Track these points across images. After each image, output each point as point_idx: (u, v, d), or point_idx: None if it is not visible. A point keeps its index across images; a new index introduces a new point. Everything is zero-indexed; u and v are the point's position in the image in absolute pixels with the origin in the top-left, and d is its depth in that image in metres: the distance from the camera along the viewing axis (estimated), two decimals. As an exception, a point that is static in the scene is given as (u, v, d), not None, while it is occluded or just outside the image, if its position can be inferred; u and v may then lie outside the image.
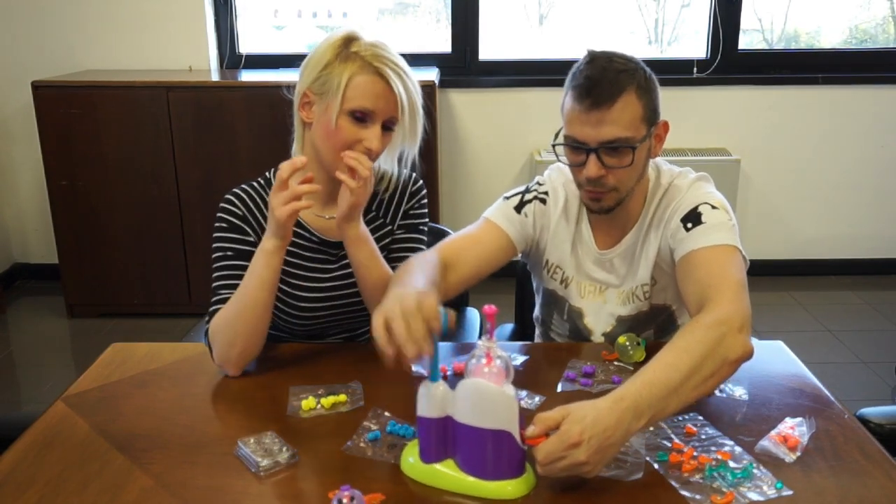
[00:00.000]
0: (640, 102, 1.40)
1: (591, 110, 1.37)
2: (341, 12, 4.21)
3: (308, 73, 1.44)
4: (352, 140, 1.41)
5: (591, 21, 4.08)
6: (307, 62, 1.45)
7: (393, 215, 1.61)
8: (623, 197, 1.48)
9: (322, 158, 1.46)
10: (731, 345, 1.21)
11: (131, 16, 3.67)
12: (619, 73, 1.38)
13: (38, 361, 3.31)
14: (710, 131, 3.86)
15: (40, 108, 3.34)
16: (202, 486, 1.11)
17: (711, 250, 1.39)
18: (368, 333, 1.65)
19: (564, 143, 1.44)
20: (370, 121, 1.41)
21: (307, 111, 1.46)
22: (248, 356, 1.43)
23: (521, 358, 1.48)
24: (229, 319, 1.41)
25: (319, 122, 1.44)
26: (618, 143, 1.39)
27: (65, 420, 1.28)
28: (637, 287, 1.57)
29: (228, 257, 1.50)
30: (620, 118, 1.38)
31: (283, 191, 1.32)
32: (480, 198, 3.92)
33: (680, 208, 1.48)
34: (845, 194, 3.99)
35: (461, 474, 1.09)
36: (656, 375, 1.13)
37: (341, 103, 1.39)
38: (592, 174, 1.41)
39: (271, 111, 3.30)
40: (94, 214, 3.47)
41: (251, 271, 1.41)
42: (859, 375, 3.05)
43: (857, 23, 4.15)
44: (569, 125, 1.43)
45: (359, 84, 1.39)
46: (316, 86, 1.42)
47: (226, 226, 1.51)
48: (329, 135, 1.42)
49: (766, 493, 1.07)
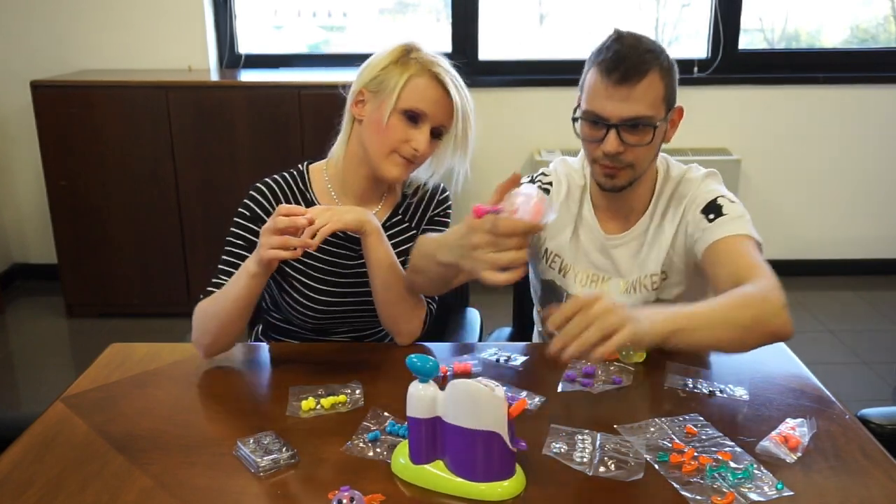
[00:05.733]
0: (663, 83, 1.43)
1: (618, 85, 1.39)
2: (341, 12, 4.20)
3: (366, 73, 1.50)
4: (400, 139, 1.46)
5: (591, 21, 4.08)
6: (366, 64, 1.51)
7: (419, 220, 1.64)
8: (637, 176, 1.49)
9: (367, 154, 1.50)
10: (774, 312, 1.26)
11: (131, 16, 3.66)
12: (646, 51, 1.41)
13: (38, 362, 3.31)
14: (711, 131, 3.86)
15: (39, 109, 3.34)
16: (202, 487, 1.11)
17: (739, 238, 1.42)
18: (376, 335, 1.66)
19: (584, 117, 1.46)
20: (421, 123, 1.47)
21: (360, 108, 1.50)
22: (216, 349, 1.46)
23: (521, 358, 1.48)
24: (207, 314, 1.44)
25: (370, 119, 1.48)
26: (640, 120, 1.41)
27: (64, 420, 1.28)
28: (645, 277, 1.56)
29: (238, 245, 1.52)
30: (645, 96, 1.40)
31: (277, 235, 1.32)
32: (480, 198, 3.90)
33: (697, 200, 1.51)
34: (846, 194, 3.99)
35: (451, 476, 1.09)
36: (694, 306, 1.24)
37: (396, 102, 1.44)
38: (611, 149, 1.43)
39: (271, 111, 3.30)
40: (93, 214, 3.47)
41: (233, 283, 1.42)
42: (860, 375, 3.05)
43: (858, 22, 4.15)
44: (591, 100, 1.44)
45: (416, 85, 1.45)
46: (373, 84, 1.48)
47: (247, 214, 1.54)
48: (379, 131, 1.46)
49: (766, 493, 1.06)
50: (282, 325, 1.64)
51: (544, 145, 3.85)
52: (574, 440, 1.19)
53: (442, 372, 1.39)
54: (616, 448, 1.17)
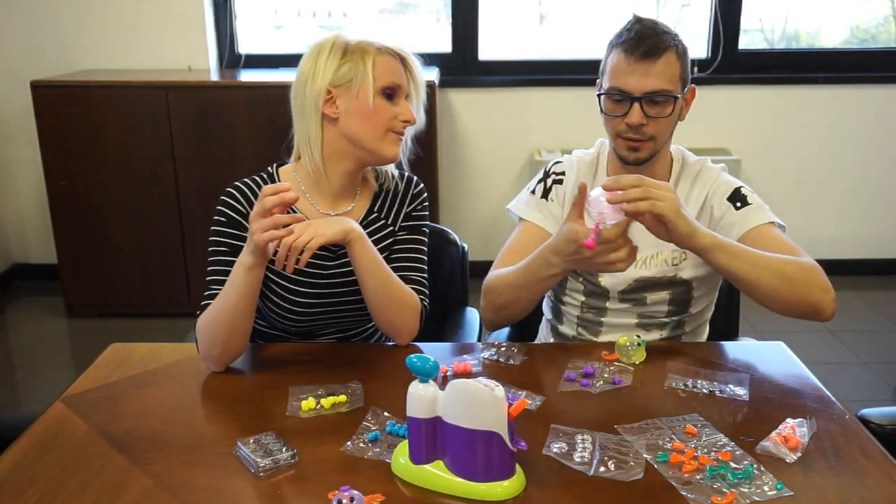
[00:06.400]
0: (679, 63, 1.54)
1: (640, 60, 1.50)
2: (341, 12, 4.20)
3: (322, 73, 1.48)
4: (389, 117, 1.50)
5: (591, 21, 4.08)
6: (312, 67, 1.49)
7: (395, 217, 1.63)
8: (657, 149, 1.58)
9: (359, 143, 1.51)
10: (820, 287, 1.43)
11: (130, 16, 3.66)
12: (664, 32, 1.53)
13: (38, 362, 3.31)
14: (711, 131, 3.85)
15: (39, 109, 3.34)
16: (202, 487, 1.11)
17: (772, 228, 1.56)
18: (361, 334, 1.66)
19: (608, 93, 1.55)
20: (397, 96, 1.51)
21: (332, 107, 1.50)
22: (228, 357, 1.45)
23: (521, 358, 1.48)
24: (210, 322, 1.42)
25: (351, 111, 1.49)
26: (661, 93, 1.52)
27: (64, 420, 1.28)
28: (665, 252, 1.61)
29: (223, 252, 1.51)
30: (665, 71, 1.52)
31: (265, 217, 1.32)
32: (480, 198, 3.93)
33: (720, 190, 1.61)
34: (846, 194, 3.99)
35: (451, 476, 1.09)
36: None
37: (374, 83, 1.47)
38: (636, 120, 1.52)
39: (271, 111, 3.30)
40: (93, 214, 3.47)
41: (231, 281, 1.41)
42: (860, 376, 3.05)
43: (858, 22, 4.15)
44: (614, 77, 1.54)
45: (381, 63, 1.49)
46: (337, 79, 1.48)
47: (224, 220, 1.52)
48: (368, 117, 1.49)
49: (766, 493, 1.06)
50: (267, 332, 1.64)
51: (544, 145, 3.85)
52: (574, 440, 1.19)
53: (442, 372, 1.39)
54: (616, 448, 1.17)
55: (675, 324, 1.66)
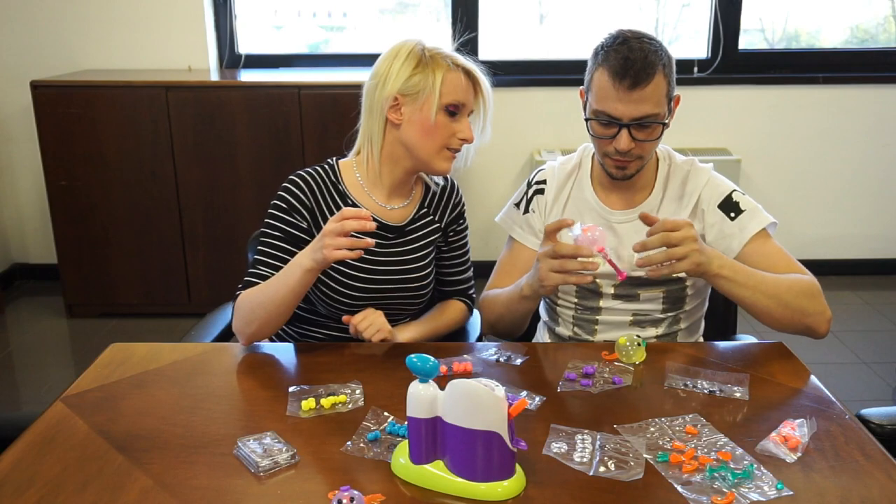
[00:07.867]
0: (665, 80, 1.51)
1: (630, 90, 1.47)
2: (341, 12, 4.20)
3: (394, 79, 1.53)
4: (448, 134, 1.56)
5: (591, 21, 4.08)
6: (384, 72, 1.55)
7: (440, 216, 1.73)
8: (644, 164, 1.59)
9: (415, 154, 1.57)
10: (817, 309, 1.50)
11: (131, 15, 3.66)
12: (650, 52, 1.48)
13: (38, 362, 3.31)
14: (711, 131, 3.86)
15: (39, 108, 3.34)
16: (202, 487, 1.11)
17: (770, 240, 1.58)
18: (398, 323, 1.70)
19: (596, 118, 1.53)
20: (460, 114, 1.57)
21: (396, 113, 1.56)
22: (259, 337, 1.52)
23: (521, 358, 1.48)
24: (253, 304, 1.49)
25: (413, 121, 1.55)
26: (650, 119, 1.50)
27: (64, 420, 1.28)
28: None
29: (277, 237, 1.57)
30: (652, 96, 1.49)
31: (342, 236, 1.37)
32: (480, 198, 3.92)
33: (713, 196, 1.61)
34: (846, 194, 3.99)
35: (451, 476, 1.09)
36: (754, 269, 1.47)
37: (438, 100, 1.52)
38: (624, 147, 1.51)
39: (271, 111, 3.30)
40: (93, 214, 3.47)
41: (284, 276, 1.46)
42: (860, 376, 3.05)
43: (858, 22, 4.15)
44: (602, 101, 1.51)
45: (451, 80, 1.54)
46: (406, 89, 1.53)
47: (284, 206, 1.59)
48: (428, 131, 1.54)
49: (766, 493, 1.06)
50: (306, 316, 1.67)
51: (544, 145, 3.85)
52: (574, 440, 1.19)
53: (442, 372, 1.39)
54: (616, 448, 1.17)
55: (670, 320, 1.66)
